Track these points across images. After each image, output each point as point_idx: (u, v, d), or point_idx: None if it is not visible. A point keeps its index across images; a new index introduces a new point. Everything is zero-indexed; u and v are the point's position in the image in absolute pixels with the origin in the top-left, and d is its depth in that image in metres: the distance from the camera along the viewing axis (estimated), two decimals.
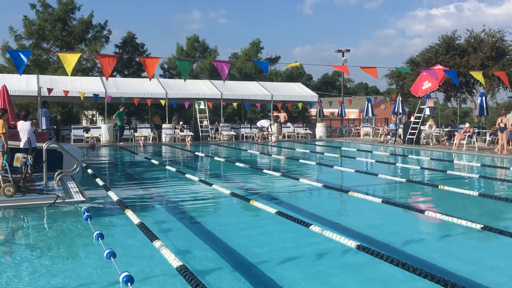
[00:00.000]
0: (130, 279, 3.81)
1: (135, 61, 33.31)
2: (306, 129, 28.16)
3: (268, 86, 28.53)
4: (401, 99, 23.99)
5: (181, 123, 25.14)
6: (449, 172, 11.72)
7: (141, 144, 21.33)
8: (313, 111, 39.84)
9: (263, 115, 35.05)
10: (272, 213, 6.69)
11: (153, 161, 14.64)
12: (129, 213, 6.47)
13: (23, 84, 21.29)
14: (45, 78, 23.09)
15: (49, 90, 20.08)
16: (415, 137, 20.72)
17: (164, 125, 23.89)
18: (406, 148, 19.82)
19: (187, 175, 10.86)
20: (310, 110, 42.17)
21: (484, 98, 21.22)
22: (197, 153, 18.04)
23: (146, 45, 37.57)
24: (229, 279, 4.52)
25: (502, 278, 4.72)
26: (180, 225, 6.66)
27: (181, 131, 23.97)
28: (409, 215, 7.26)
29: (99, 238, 5.22)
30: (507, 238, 5.58)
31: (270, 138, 24.30)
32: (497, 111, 34.02)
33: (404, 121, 24.02)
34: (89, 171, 11.20)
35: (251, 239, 5.98)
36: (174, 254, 4.47)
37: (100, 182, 9.43)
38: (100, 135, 22.32)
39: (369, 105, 28.53)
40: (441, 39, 29.02)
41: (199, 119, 24.33)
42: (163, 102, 23.88)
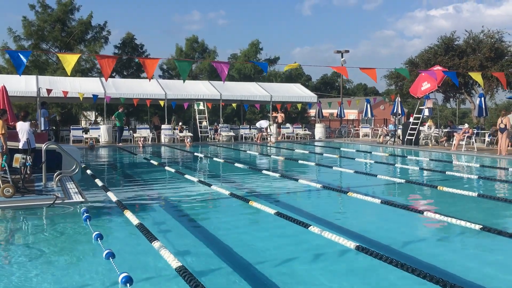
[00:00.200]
0: (129, 280, 3.81)
1: (134, 62, 33.32)
2: (305, 129, 28.19)
3: (267, 87, 28.54)
4: (400, 100, 24.01)
5: (180, 123, 25.14)
6: (448, 172, 11.73)
7: (140, 145, 21.33)
8: (312, 111, 39.88)
9: (262, 116, 35.07)
10: (271, 213, 6.70)
11: (152, 161, 14.64)
12: (128, 213, 6.47)
13: (22, 85, 21.29)
14: (44, 79, 23.09)
15: (48, 90, 20.09)
16: (414, 137, 20.75)
17: (163, 126, 23.89)
18: (405, 149, 19.84)
19: (186, 176, 10.86)
20: (309, 111, 42.21)
21: (483, 99, 21.26)
22: (196, 153, 18.04)
23: (145, 46, 37.60)
24: (228, 280, 4.52)
25: (501, 278, 4.72)
26: (179, 226, 6.66)
27: (180, 132, 23.98)
28: (408, 215, 7.26)
29: (98, 239, 5.22)
30: (506, 238, 5.59)
31: (269, 138, 24.30)
32: (496, 112, 34.09)
33: (403, 122, 24.03)
34: (88, 172, 11.20)
35: (250, 240, 5.98)
36: (173, 254, 4.47)
37: (99, 182, 9.43)
38: (99, 136, 22.32)
39: (368, 106, 28.56)
40: (440, 40, 29.06)
41: (198, 120, 24.33)
42: (162, 103, 23.89)
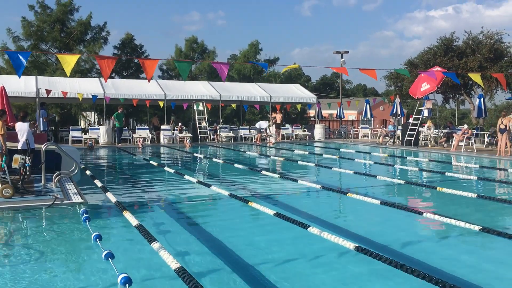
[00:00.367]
0: (128, 281, 3.81)
1: (134, 63, 33.32)
2: (305, 130, 28.18)
3: (267, 87, 28.54)
4: (399, 100, 24.02)
5: (180, 124, 25.14)
6: (447, 173, 11.74)
7: (140, 145, 21.32)
8: (312, 112, 39.90)
9: (262, 117, 35.08)
10: (270, 214, 6.69)
11: (151, 162, 14.64)
12: (127, 214, 6.46)
13: (21, 85, 21.27)
14: (43, 79, 23.09)
15: (48, 91, 20.10)
16: (413, 138, 20.76)
17: (162, 127, 23.89)
18: (404, 150, 19.85)
19: (186, 177, 10.86)
20: (309, 111, 42.22)
21: (482, 99, 21.27)
22: (195, 154, 18.04)
23: (144, 46, 37.61)
24: (228, 281, 4.52)
25: (501, 279, 4.72)
26: (178, 227, 6.65)
27: (179, 133, 23.97)
28: (408, 216, 7.26)
29: (97, 240, 5.21)
30: (505, 239, 5.59)
31: (269, 139, 24.28)
32: (495, 113, 34.13)
33: (402, 123, 24.05)
34: (88, 172, 11.18)
35: (250, 241, 5.98)
36: (173, 255, 4.47)
37: (99, 183, 9.42)
38: (98, 136, 22.31)
39: (368, 106, 28.57)
40: (439, 40, 29.07)
41: (197, 121, 24.33)
42: (161, 104, 23.88)
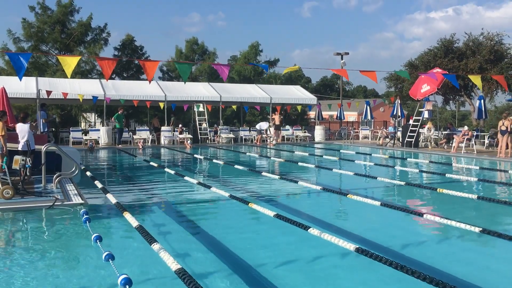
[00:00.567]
0: (129, 282, 3.80)
1: (134, 64, 33.33)
2: (305, 131, 28.17)
3: (267, 88, 28.54)
4: (400, 102, 24.03)
5: (180, 125, 25.15)
6: (447, 175, 11.73)
7: (140, 146, 21.33)
8: (312, 113, 39.89)
9: (262, 118, 35.09)
10: (270, 216, 6.69)
11: (152, 163, 14.64)
12: (127, 215, 6.46)
13: (22, 86, 21.24)
14: (44, 81, 23.09)
15: (48, 92, 20.10)
16: (413, 140, 20.75)
17: (163, 128, 23.90)
18: (404, 151, 19.84)
19: (186, 178, 10.85)
20: (309, 112, 42.22)
21: (482, 101, 21.28)
22: (196, 155, 18.03)
23: (145, 48, 37.67)
24: (228, 282, 4.52)
25: (501, 281, 4.72)
26: (179, 228, 6.65)
27: (180, 134, 23.98)
28: (408, 218, 7.26)
29: (97, 241, 5.21)
30: (506, 241, 5.58)
31: (270, 140, 24.26)
32: (495, 115, 34.14)
33: (402, 124, 24.06)
34: (88, 173, 11.18)
35: (250, 242, 5.97)
36: (173, 257, 4.46)
37: (99, 184, 9.42)
38: (99, 137, 22.31)
39: (368, 108, 28.58)
40: (439, 42, 29.11)
41: (198, 122, 24.34)
42: (162, 105, 23.90)
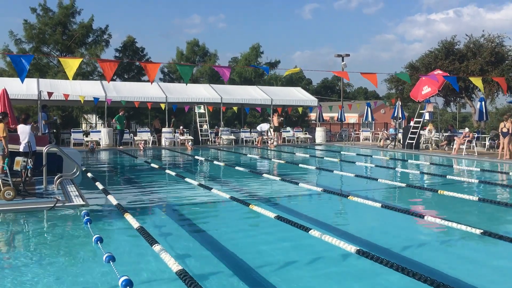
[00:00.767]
0: (129, 283, 3.81)
1: (135, 65, 33.40)
2: (306, 133, 28.17)
3: (268, 90, 28.56)
4: (400, 103, 24.04)
5: (181, 127, 25.17)
6: (448, 177, 11.72)
7: (141, 148, 21.34)
8: (313, 115, 39.90)
9: (263, 120, 35.10)
10: (271, 217, 6.69)
11: (153, 165, 14.65)
12: (128, 217, 6.46)
13: (23, 88, 21.29)
14: (45, 82, 23.14)
15: (49, 94, 20.11)
16: (414, 141, 20.75)
17: (164, 129, 23.91)
18: (405, 153, 19.83)
19: (187, 179, 10.86)
20: (310, 114, 42.23)
21: (483, 103, 21.26)
22: (196, 157, 18.05)
23: (146, 49, 37.70)
24: (229, 284, 4.52)
25: (502, 283, 4.72)
26: (179, 229, 6.65)
27: (181, 135, 24.00)
28: (409, 220, 7.26)
29: (98, 242, 5.21)
30: (506, 243, 5.57)
31: (271, 142, 24.24)
32: (496, 116, 34.10)
33: (403, 126, 24.04)
34: (89, 175, 11.20)
35: (251, 243, 5.98)
36: (174, 258, 4.47)
37: (100, 186, 9.43)
38: (99, 139, 22.34)
39: (369, 109, 28.57)
40: (440, 44, 29.11)
41: (199, 123, 24.36)
42: (163, 106, 23.93)
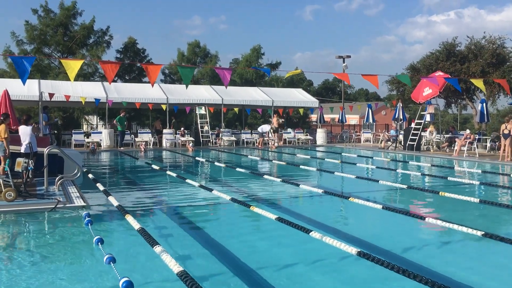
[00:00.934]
0: (130, 285, 3.81)
1: (136, 66, 33.46)
2: (307, 134, 28.17)
3: (269, 91, 28.57)
4: (401, 105, 24.03)
5: (182, 128, 25.19)
6: (449, 178, 11.72)
7: (142, 149, 21.36)
8: (314, 117, 39.92)
9: (264, 121, 35.10)
10: (272, 219, 6.68)
11: (153, 166, 14.65)
12: (129, 218, 6.47)
13: (24, 89, 21.26)
14: (46, 83, 23.17)
15: (51, 95, 20.16)
16: (415, 143, 20.73)
17: (165, 130, 23.93)
18: (406, 154, 19.81)
19: (188, 181, 10.87)
20: (311, 116, 42.25)
21: (484, 104, 21.25)
22: (197, 158, 18.05)
23: (147, 50, 37.80)
24: (229, 285, 4.52)
25: (502, 285, 4.71)
26: (180, 231, 6.65)
27: (182, 136, 24.01)
28: (410, 221, 7.24)
29: (99, 243, 5.22)
30: (507, 245, 5.57)
31: (272, 143, 24.22)
32: (497, 118, 34.06)
33: (404, 127, 24.03)
34: (90, 176, 11.21)
35: (252, 245, 5.98)
36: (175, 259, 4.47)
37: (101, 187, 9.44)
38: (100, 140, 22.35)
39: (370, 111, 28.57)
40: (441, 45, 29.06)
41: (199, 125, 24.37)
42: (164, 107, 23.94)
